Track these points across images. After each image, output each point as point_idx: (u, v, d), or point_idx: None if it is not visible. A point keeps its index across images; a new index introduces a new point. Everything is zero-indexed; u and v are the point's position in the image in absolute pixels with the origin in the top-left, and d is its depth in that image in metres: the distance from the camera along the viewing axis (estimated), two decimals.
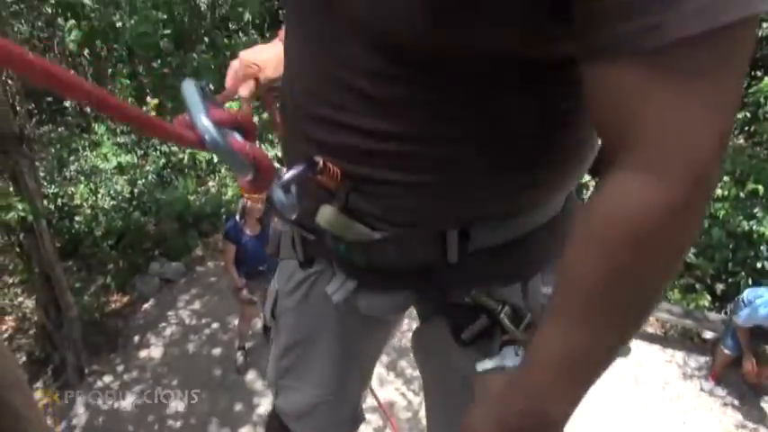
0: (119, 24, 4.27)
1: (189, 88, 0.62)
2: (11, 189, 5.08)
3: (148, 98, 6.98)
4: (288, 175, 0.70)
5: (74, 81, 0.40)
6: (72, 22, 4.60)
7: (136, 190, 6.72)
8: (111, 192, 6.74)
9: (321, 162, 0.71)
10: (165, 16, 4.59)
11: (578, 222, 0.60)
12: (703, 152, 0.52)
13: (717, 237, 5.27)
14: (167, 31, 4.89)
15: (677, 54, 0.49)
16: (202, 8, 6.41)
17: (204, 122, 0.56)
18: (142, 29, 4.10)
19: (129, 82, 7.43)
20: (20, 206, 3.97)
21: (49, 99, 7.25)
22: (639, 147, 0.54)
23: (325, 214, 0.77)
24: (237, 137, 0.61)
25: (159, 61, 6.50)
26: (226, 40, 7.31)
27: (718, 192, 5.22)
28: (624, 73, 0.52)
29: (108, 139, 7.46)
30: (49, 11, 5.37)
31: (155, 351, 4.85)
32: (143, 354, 4.82)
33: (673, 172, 0.53)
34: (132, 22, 4.10)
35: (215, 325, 5.13)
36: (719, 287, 5.33)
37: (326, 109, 0.73)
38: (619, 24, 0.50)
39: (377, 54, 0.66)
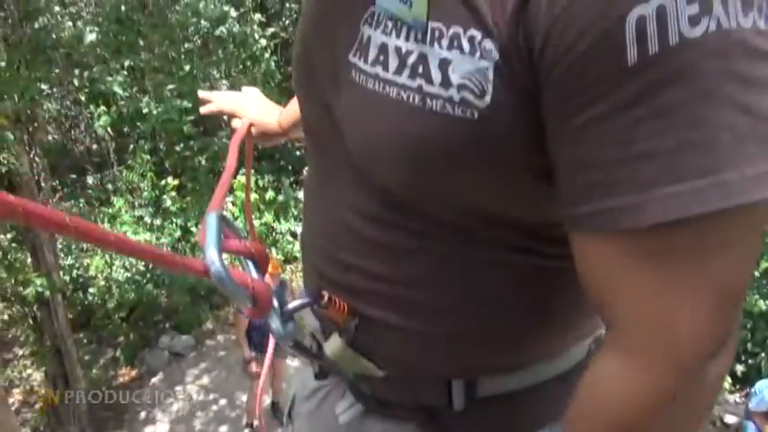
0: (145, 110, 4.50)
1: (209, 220, 0.65)
2: (29, 262, 5.18)
3: (169, 178, 7.19)
4: (290, 306, 0.71)
5: (87, 228, 0.44)
6: (102, 108, 4.86)
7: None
8: (126, 264, 6.83)
9: (327, 296, 0.71)
10: (190, 105, 4.82)
11: (573, 396, 0.57)
12: (687, 340, 0.48)
13: None
14: (191, 117, 5.12)
15: (656, 236, 0.46)
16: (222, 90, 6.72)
17: (212, 255, 0.60)
18: (168, 116, 4.32)
19: (149, 157, 7.68)
20: (38, 281, 4.04)
21: (73, 176, 7.49)
22: (620, 327, 0.52)
23: (333, 345, 0.76)
24: (251, 267, 0.64)
25: (182, 144, 6.76)
26: None
27: None
28: (603, 249, 0.50)
29: (125, 212, 7.63)
30: (83, 98, 5.66)
31: (161, 428, 4.76)
32: (149, 430, 4.73)
33: (654, 360, 0.49)
34: (159, 109, 4.32)
35: (223, 401, 5.06)
36: (739, 369, 5.20)
37: (331, 246, 0.74)
38: (598, 201, 0.48)
39: (373, 198, 0.66)
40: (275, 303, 0.67)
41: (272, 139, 1.28)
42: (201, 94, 1.34)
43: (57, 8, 5.03)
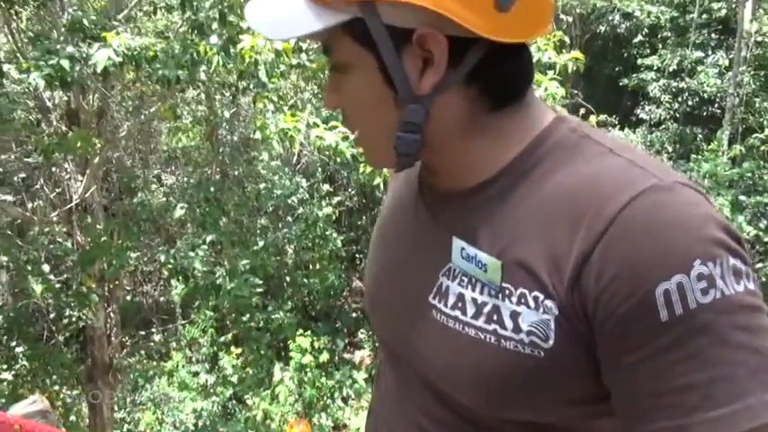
0: (219, 282, 4.86)
1: None
2: (86, 417, 5.26)
3: (233, 348, 7.41)
4: None
5: None
6: (180, 280, 5.29)
7: (200, 422, 6.76)
8: (176, 421, 6.81)
9: None
10: (261, 281, 5.17)
11: None
12: None
13: None
14: (260, 290, 5.46)
15: None
16: (289, 263, 7.13)
17: None
18: (240, 292, 4.65)
19: (212, 313, 7.96)
20: None
21: (142, 333, 7.81)
22: None
23: None
24: None
25: (248, 316, 7.06)
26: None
27: None
28: None
29: (182, 366, 7.77)
30: (165, 273, 6.13)
31: None
32: None
33: None
34: (232, 285, 4.66)
35: None
36: None
37: None
38: (651, 424, 0.58)
39: (445, 408, 0.73)
40: None
41: None
42: None
43: (154, 186, 5.65)
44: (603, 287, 0.59)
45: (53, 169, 5.70)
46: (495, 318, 0.66)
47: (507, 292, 0.65)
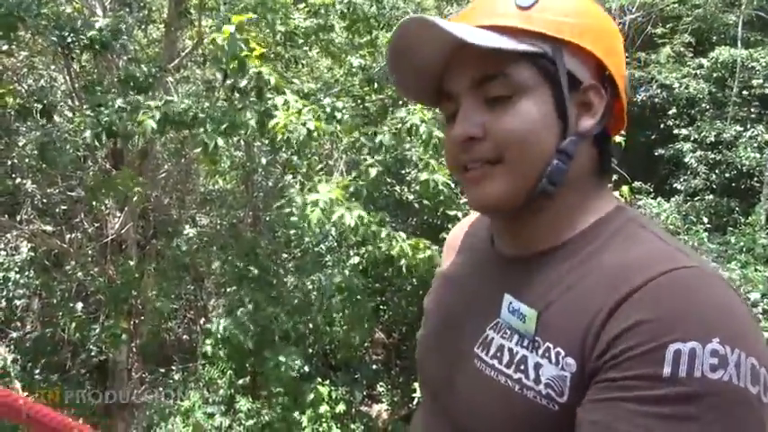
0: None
1: None
2: None
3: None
4: None
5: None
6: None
7: None
8: None
9: None
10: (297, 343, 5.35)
11: None
12: None
13: None
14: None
15: None
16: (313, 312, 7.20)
17: None
18: (273, 363, 4.87)
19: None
20: None
21: (162, 370, 7.85)
22: None
23: None
24: None
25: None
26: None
27: None
28: None
29: (199, 407, 7.73)
30: (192, 314, 6.26)
31: None
32: None
33: None
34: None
35: None
36: None
37: None
38: None
39: None
40: None
41: None
42: None
43: (188, 226, 5.80)
44: (621, 331, 0.63)
45: (93, 204, 5.92)
46: (522, 367, 0.72)
47: (537, 344, 0.72)
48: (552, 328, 0.71)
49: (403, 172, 7.70)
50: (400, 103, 5.95)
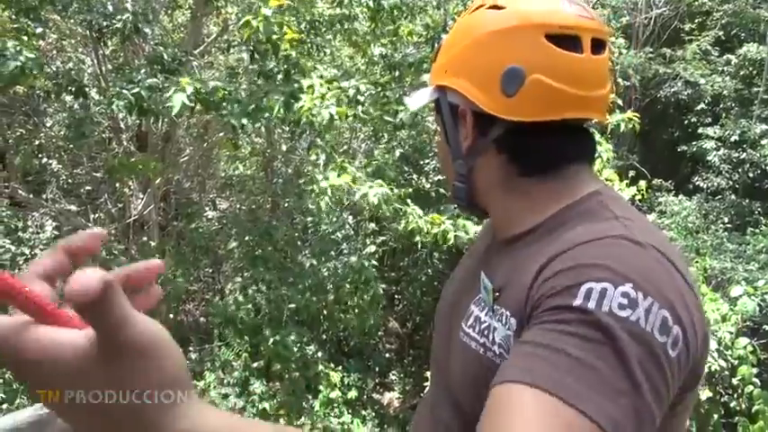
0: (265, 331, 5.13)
1: None
2: None
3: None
4: None
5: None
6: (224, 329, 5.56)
7: None
8: None
9: None
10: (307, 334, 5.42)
11: None
12: None
13: None
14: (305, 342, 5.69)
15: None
16: (329, 298, 7.28)
17: None
18: (283, 343, 4.91)
19: (248, 337, 8.09)
20: None
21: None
22: None
23: None
24: None
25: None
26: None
27: None
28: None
29: (214, 387, 7.87)
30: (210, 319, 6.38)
31: None
32: None
33: None
34: (276, 338, 4.94)
35: None
36: None
37: None
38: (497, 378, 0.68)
39: (460, 419, 0.85)
40: None
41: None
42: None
43: (208, 209, 5.90)
44: (544, 280, 0.70)
45: (117, 185, 6.04)
46: (486, 333, 0.81)
47: (496, 310, 0.81)
48: (507, 296, 0.79)
49: (421, 162, 7.72)
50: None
